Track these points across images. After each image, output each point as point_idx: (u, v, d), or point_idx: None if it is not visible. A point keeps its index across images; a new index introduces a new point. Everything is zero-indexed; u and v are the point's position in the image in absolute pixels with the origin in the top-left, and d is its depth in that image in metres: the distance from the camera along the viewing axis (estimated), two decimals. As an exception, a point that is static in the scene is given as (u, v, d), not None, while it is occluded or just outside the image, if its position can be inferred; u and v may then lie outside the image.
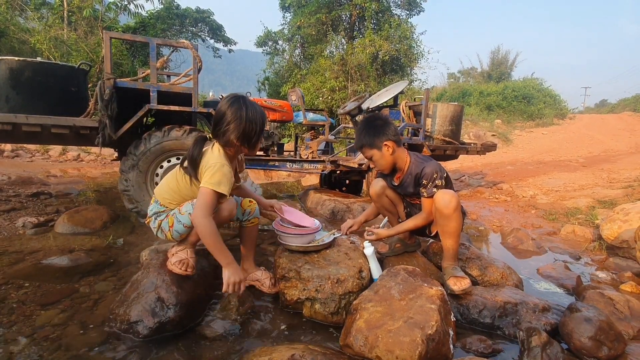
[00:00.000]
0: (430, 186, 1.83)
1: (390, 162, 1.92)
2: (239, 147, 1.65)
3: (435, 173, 1.83)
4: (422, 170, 1.85)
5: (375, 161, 1.93)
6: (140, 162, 2.99)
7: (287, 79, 14.68)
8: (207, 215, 1.51)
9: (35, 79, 2.90)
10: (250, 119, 1.59)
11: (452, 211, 1.74)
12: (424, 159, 1.94)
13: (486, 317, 1.66)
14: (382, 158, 1.90)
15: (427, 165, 1.86)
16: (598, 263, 2.66)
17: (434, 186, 1.82)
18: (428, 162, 1.91)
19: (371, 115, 2.00)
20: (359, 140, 1.92)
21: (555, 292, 2.13)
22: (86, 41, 9.67)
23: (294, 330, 1.61)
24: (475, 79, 24.71)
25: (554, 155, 9.50)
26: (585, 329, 1.40)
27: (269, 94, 15.91)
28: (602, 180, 5.51)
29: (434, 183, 1.83)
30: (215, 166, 1.55)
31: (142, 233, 2.89)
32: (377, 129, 1.87)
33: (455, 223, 1.80)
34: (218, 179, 1.53)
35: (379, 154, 1.89)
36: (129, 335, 1.46)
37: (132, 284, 1.64)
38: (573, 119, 18.11)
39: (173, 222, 1.69)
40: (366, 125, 1.93)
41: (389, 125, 1.89)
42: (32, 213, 3.03)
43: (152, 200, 1.80)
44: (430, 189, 1.83)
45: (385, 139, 1.86)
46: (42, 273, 2.03)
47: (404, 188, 2.02)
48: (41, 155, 6.64)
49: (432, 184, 1.83)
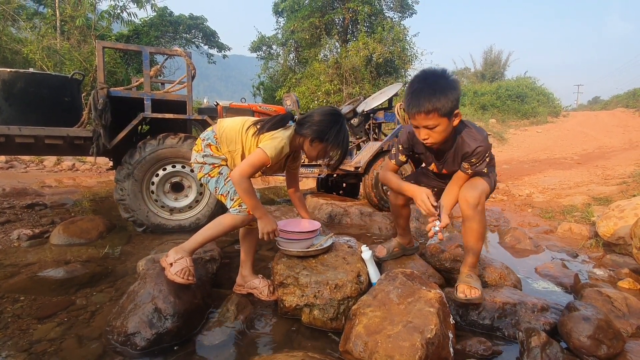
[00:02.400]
0: (480, 165, 1.61)
1: (450, 134, 1.60)
2: (308, 148, 1.75)
3: (488, 152, 1.59)
4: (476, 150, 1.58)
5: (434, 133, 1.55)
6: (136, 170, 2.97)
7: (282, 84, 14.72)
8: (246, 175, 1.64)
9: (28, 89, 2.89)
10: (345, 144, 1.74)
11: (474, 210, 1.60)
12: (474, 131, 1.64)
13: (485, 318, 1.66)
14: (446, 130, 1.55)
15: (481, 143, 1.58)
16: (595, 260, 2.67)
17: (484, 165, 1.61)
18: (479, 135, 1.61)
19: (435, 71, 1.54)
20: (428, 101, 1.46)
21: (554, 291, 2.13)
22: (79, 50, 9.65)
23: (293, 337, 1.60)
24: (469, 79, 24.89)
25: (549, 153, 9.57)
26: (583, 327, 1.40)
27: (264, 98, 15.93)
28: (597, 177, 5.55)
29: (484, 162, 1.61)
30: (275, 136, 1.68)
31: (139, 242, 2.87)
32: (452, 91, 1.48)
33: (477, 224, 1.63)
34: (271, 144, 1.64)
35: (446, 125, 1.52)
36: (126, 347, 1.45)
37: (129, 295, 1.63)
38: (567, 116, 18.26)
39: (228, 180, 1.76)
40: (439, 83, 1.49)
41: (458, 85, 1.53)
42: (27, 225, 3.00)
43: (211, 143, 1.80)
44: (477, 166, 1.61)
45: (457, 106, 1.52)
46: (38, 286, 2.01)
47: (442, 164, 1.78)
48: (36, 165, 6.60)
49: (482, 163, 1.61)
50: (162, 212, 3.12)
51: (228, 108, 3.86)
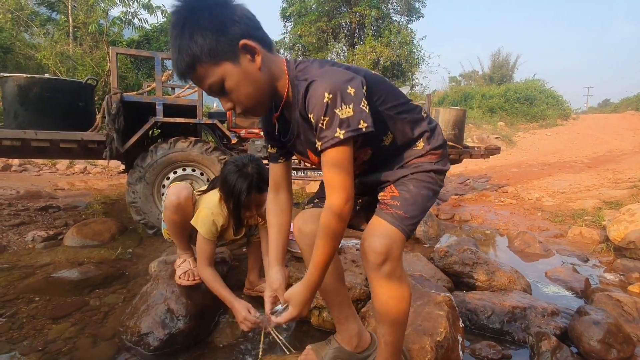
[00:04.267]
0: (325, 124, 0.84)
1: (261, 86, 0.90)
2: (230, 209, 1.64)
3: (329, 92, 0.83)
4: (306, 92, 0.87)
5: (232, 94, 0.88)
6: (147, 174, 3.02)
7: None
8: (203, 264, 1.60)
9: (43, 95, 2.96)
10: (230, 184, 1.57)
11: (376, 272, 0.95)
12: (317, 66, 0.92)
13: (495, 322, 1.66)
14: (245, 82, 0.87)
15: (312, 78, 0.87)
16: (606, 265, 2.64)
17: (335, 123, 0.84)
18: (315, 69, 0.90)
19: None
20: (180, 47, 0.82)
21: (564, 295, 2.11)
22: (91, 55, 9.83)
23: (302, 339, 1.61)
24: (477, 82, 24.75)
25: (559, 156, 9.46)
26: (594, 332, 1.40)
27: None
28: (607, 180, 5.47)
29: (333, 116, 0.83)
30: (200, 208, 1.63)
31: (150, 245, 2.92)
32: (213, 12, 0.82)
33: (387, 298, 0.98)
34: (204, 222, 1.59)
35: (237, 73, 0.86)
36: (139, 347, 1.48)
37: (142, 296, 1.66)
38: (576, 119, 18.03)
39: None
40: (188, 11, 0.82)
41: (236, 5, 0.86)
42: (41, 227, 3.07)
43: None
44: (324, 132, 0.85)
45: (241, 34, 0.84)
46: (53, 286, 2.06)
47: (297, 146, 1.05)
48: (49, 168, 6.73)
49: (325, 119, 0.84)
50: (172, 215, 3.16)
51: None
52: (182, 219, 1.66)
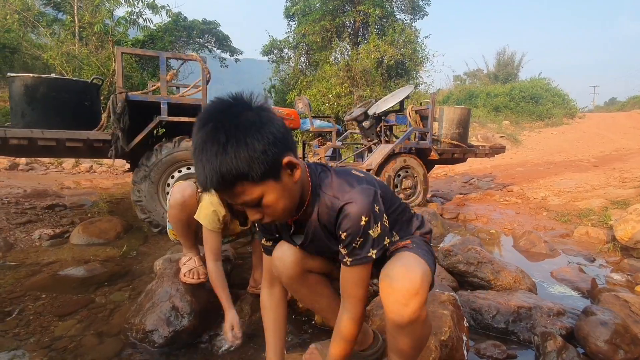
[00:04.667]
0: (359, 243, 0.91)
1: (295, 198, 0.94)
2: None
3: (365, 215, 0.89)
4: (341, 212, 0.92)
5: (267, 208, 0.88)
6: (152, 173, 3.04)
7: (293, 86, 14.80)
8: (208, 259, 1.59)
9: (49, 94, 2.99)
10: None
11: (408, 320, 0.90)
12: (340, 181, 0.97)
13: (500, 322, 1.65)
14: (283, 197, 0.88)
15: (350, 198, 0.91)
16: (613, 265, 2.62)
17: (368, 243, 0.91)
18: (346, 188, 0.94)
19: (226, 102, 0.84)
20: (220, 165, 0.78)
21: (570, 295, 2.10)
22: (97, 55, 9.90)
23: (306, 337, 1.61)
24: (482, 80, 24.59)
25: (565, 155, 9.38)
26: (601, 332, 1.38)
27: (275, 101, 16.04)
28: (614, 179, 5.42)
29: (367, 237, 0.91)
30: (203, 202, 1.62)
31: (155, 243, 2.94)
32: (262, 131, 0.81)
33: (411, 340, 0.96)
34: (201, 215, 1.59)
35: (278, 190, 0.86)
36: (144, 344, 1.49)
37: (147, 293, 1.67)
38: (583, 118, 17.85)
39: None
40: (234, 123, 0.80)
41: (273, 112, 0.87)
42: (48, 225, 3.10)
43: None
44: (358, 251, 0.92)
45: (284, 151, 0.85)
46: (59, 284, 2.08)
47: (315, 248, 1.07)
48: (55, 167, 6.79)
49: (359, 239, 0.91)
50: (176, 214, 3.18)
51: (241, 111, 3.92)
52: (187, 217, 1.66)
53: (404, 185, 4.08)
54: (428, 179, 4.26)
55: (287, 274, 1.10)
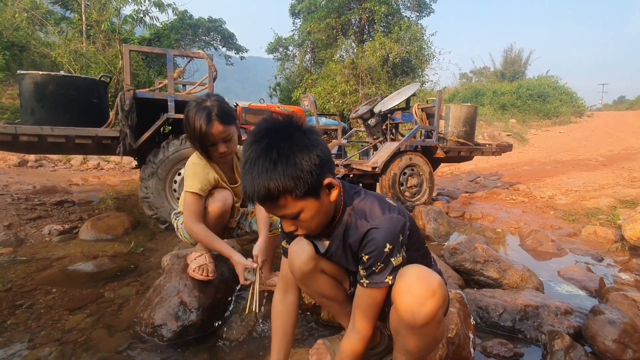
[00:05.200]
0: (379, 269, 0.94)
1: (329, 215, 1.00)
2: (201, 151, 1.63)
3: (390, 244, 0.92)
4: (366, 235, 0.95)
5: (302, 222, 0.95)
6: (159, 169, 3.07)
7: (298, 84, 14.80)
8: (192, 220, 1.60)
9: (58, 92, 3.02)
10: (191, 121, 1.54)
11: (423, 321, 0.90)
12: (371, 204, 1.00)
13: (506, 320, 1.65)
14: (319, 214, 0.95)
15: (377, 224, 0.95)
16: (621, 264, 2.59)
17: (387, 270, 0.94)
18: (376, 214, 0.97)
19: (279, 122, 0.92)
20: (267, 179, 0.85)
21: (578, 295, 2.08)
22: (104, 53, 9.98)
23: (313, 333, 1.62)
24: (488, 78, 24.38)
25: (572, 154, 9.28)
26: (609, 331, 1.38)
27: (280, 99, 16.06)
28: (623, 179, 5.35)
29: (388, 264, 0.94)
30: (185, 170, 1.66)
31: (162, 239, 2.96)
32: (309, 153, 0.87)
33: (422, 341, 0.97)
34: (188, 181, 1.63)
35: (316, 207, 0.93)
36: (153, 338, 1.51)
37: (155, 288, 1.69)
38: (591, 116, 17.64)
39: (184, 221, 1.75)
40: (286, 142, 0.87)
41: (319, 135, 0.95)
42: (57, 221, 3.14)
43: None
44: (376, 276, 0.95)
45: (326, 172, 0.92)
46: (69, 278, 2.11)
47: (333, 260, 1.12)
48: (63, 164, 6.86)
49: (380, 265, 0.94)
50: (183, 210, 3.21)
51: (247, 109, 3.93)
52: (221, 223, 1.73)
53: (409, 184, 4.07)
54: (434, 177, 4.25)
55: (300, 268, 1.11)
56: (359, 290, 1.00)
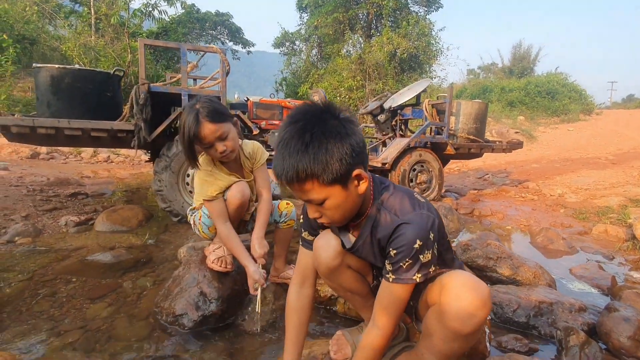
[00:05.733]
0: (407, 265, 0.93)
1: (355, 207, 0.99)
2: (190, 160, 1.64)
3: (420, 240, 0.92)
4: (396, 230, 0.95)
5: (326, 210, 0.95)
6: (173, 163, 3.10)
7: (305, 79, 14.77)
8: (220, 222, 1.65)
9: (74, 85, 3.06)
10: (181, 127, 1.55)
11: (470, 331, 0.91)
12: (401, 200, 1.00)
13: (521, 316, 1.66)
14: (344, 204, 0.95)
15: (407, 219, 0.95)
16: (632, 263, 2.59)
17: (416, 266, 0.94)
18: (407, 209, 0.98)
19: (317, 107, 0.92)
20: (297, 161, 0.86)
21: (590, 293, 2.09)
22: (113, 47, 10.02)
23: (329, 325, 1.66)
24: (496, 74, 24.13)
25: (582, 152, 9.20)
26: (624, 328, 1.39)
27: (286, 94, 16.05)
28: (633, 178, 5.31)
29: (416, 261, 0.93)
30: (195, 179, 1.71)
31: (175, 232, 3.01)
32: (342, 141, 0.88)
33: (460, 347, 0.98)
34: (198, 189, 1.69)
35: (342, 196, 0.93)
36: (174, 327, 1.55)
37: (174, 279, 1.73)
38: (600, 114, 17.41)
39: (201, 215, 1.78)
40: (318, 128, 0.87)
41: (357, 125, 0.94)
42: (73, 212, 3.19)
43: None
44: (404, 273, 0.94)
45: (357, 163, 0.91)
46: (88, 269, 2.15)
47: (359, 254, 1.11)
48: (74, 157, 6.95)
49: (408, 261, 0.93)
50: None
51: (258, 104, 3.94)
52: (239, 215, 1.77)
53: (419, 180, 4.08)
54: (443, 174, 4.25)
55: (326, 264, 1.12)
56: (384, 285, 0.99)
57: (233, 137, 1.62)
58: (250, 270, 1.56)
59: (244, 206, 1.72)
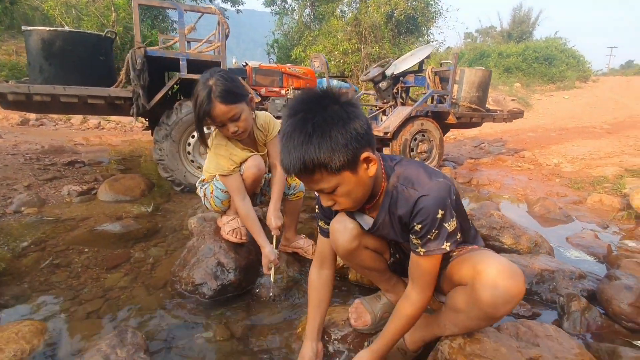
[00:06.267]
0: (434, 235, 0.95)
1: (368, 190, 0.99)
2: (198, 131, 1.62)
3: (442, 209, 0.93)
4: (417, 204, 0.94)
5: (339, 197, 0.95)
6: (173, 131, 3.04)
7: (297, 42, 14.22)
8: (238, 197, 1.66)
9: (66, 48, 2.90)
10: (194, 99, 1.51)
11: (503, 314, 0.97)
12: (418, 174, 0.99)
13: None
14: (357, 189, 0.95)
15: (427, 191, 0.94)
16: (627, 232, 2.70)
17: (443, 235, 0.95)
18: (424, 180, 0.97)
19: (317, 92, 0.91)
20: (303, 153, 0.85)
21: (586, 260, 2.19)
22: (95, 4, 9.41)
23: (342, 293, 1.72)
24: (494, 38, 23.57)
25: (577, 121, 9.26)
26: (625, 296, 1.48)
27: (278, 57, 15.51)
28: (629, 147, 5.40)
29: (442, 230, 0.94)
30: (210, 151, 1.69)
31: (179, 201, 3.01)
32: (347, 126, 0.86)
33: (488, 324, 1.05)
34: (214, 164, 1.67)
35: (353, 181, 0.92)
36: (194, 296, 1.59)
37: (190, 249, 1.75)
38: (596, 81, 17.33)
39: (213, 189, 1.78)
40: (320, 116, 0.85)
41: (359, 108, 0.92)
42: (73, 181, 3.15)
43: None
44: (432, 243, 0.96)
45: (364, 146, 0.90)
46: (98, 239, 2.16)
47: (379, 234, 1.13)
48: (64, 123, 6.74)
49: (435, 231, 0.94)
50: (198, 173, 3.22)
51: (258, 69, 3.81)
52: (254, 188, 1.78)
53: (419, 149, 4.09)
54: (444, 143, 4.26)
55: (344, 247, 1.14)
56: (414, 259, 1.01)
57: (246, 118, 1.57)
58: (266, 251, 1.60)
59: (259, 180, 1.72)
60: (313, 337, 1.20)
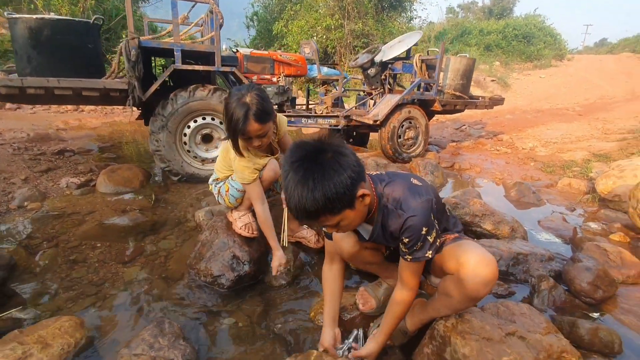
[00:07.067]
0: (419, 247, 1.14)
1: (365, 215, 1.16)
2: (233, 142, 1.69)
3: (425, 226, 1.11)
4: (405, 223, 1.12)
5: (342, 228, 1.13)
6: (169, 122, 3.07)
7: (279, 15, 13.78)
8: (258, 203, 1.78)
9: (54, 37, 2.83)
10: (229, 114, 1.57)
11: (483, 296, 1.17)
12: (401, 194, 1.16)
13: (502, 265, 1.99)
14: (356, 218, 1.12)
15: (413, 212, 1.11)
16: (590, 214, 3.01)
17: (426, 246, 1.14)
18: (410, 203, 1.13)
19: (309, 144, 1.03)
20: (307, 203, 0.97)
21: (555, 242, 2.48)
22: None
23: (346, 281, 1.91)
24: (476, 14, 23.60)
25: (552, 102, 9.66)
26: (585, 276, 1.74)
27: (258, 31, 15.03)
28: (597, 131, 5.78)
29: (425, 242, 1.13)
30: (235, 162, 1.76)
31: (177, 191, 3.09)
32: (343, 173, 0.99)
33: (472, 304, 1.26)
34: (239, 175, 1.77)
35: (353, 214, 1.08)
36: (213, 286, 1.75)
37: (204, 243, 1.89)
38: (571, 60, 17.86)
39: (228, 188, 1.90)
40: (317, 164, 0.99)
41: (348, 152, 1.04)
42: (69, 173, 3.16)
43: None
44: (418, 253, 1.15)
45: (359, 183, 1.04)
46: (108, 233, 2.24)
47: (373, 241, 1.32)
48: (41, 106, 6.48)
49: (420, 244, 1.13)
50: (195, 163, 3.30)
51: (249, 57, 3.81)
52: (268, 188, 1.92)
53: (406, 136, 4.27)
54: (429, 130, 4.45)
55: (348, 251, 1.37)
56: (403, 263, 1.22)
57: (270, 135, 1.70)
58: (277, 255, 1.75)
59: (274, 180, 1.87)
60: (331, 324, 1.39)
